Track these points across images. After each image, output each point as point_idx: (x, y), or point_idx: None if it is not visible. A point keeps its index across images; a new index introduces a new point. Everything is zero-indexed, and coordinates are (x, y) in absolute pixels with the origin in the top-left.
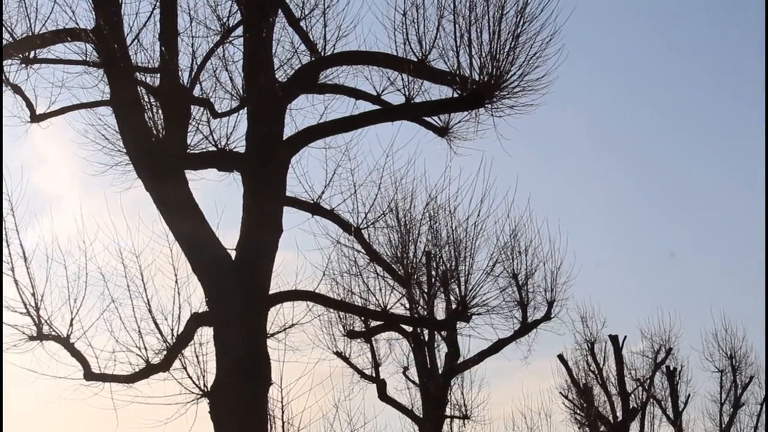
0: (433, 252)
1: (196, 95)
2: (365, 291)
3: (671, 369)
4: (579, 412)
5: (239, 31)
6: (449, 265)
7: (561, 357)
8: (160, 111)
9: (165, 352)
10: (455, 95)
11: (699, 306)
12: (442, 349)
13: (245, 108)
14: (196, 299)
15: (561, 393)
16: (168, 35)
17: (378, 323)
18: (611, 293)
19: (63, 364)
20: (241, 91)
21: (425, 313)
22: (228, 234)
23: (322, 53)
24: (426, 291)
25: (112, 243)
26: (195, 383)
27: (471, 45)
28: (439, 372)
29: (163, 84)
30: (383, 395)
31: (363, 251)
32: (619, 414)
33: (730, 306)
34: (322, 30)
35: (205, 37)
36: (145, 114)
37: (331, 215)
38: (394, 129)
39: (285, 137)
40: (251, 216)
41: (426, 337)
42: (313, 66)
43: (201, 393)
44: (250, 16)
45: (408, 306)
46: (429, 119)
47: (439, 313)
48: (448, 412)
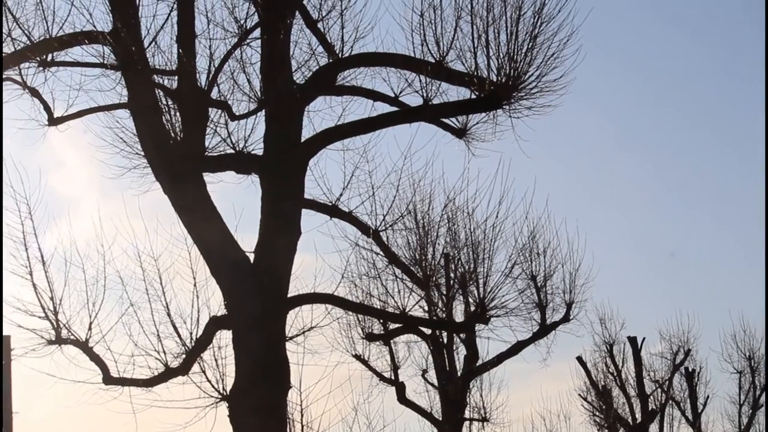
0: (452, 254)
1: (213, 97)
2: (384, 293)
3: (690, 370)
4: (598, 414)
5: (257, 33)
6: (468, 267)
7: (580, 359)
8: (177, 113)
9: (184, 355)
10: (473, 96)
11: (717, 307)
12: (460, 352)
13: (263, 110)
14: (214, 302)
15: (580, 395)
16: (185, 37)
17: (397, 326)
18: (630, 294)
19: (82, 368)
20: (259, 94)
21: (444, 316)
22: (246, 237)
23: (339, 55)
24: (445, 293)
25: (130, 246)
26: (214, 387)
27: (488, 46)
28: (458, 374)
29: (181, 86)
30: (402, 398)
31: (381, 254)
32: (638, 416)
33: (748, 307)
34: (339, 31)
35: (223, 39)
36: (163, 117)
37: (350, 217)
38: (412, 130)
39: (303, 139)
40: (270, 219)
41: (445, 340)
42: (331, 68)
43: (220, 397)
44: (267, 18)
45: (427, 308)
46: (447, 121)
47: (458, 316)
48: (467, 414)
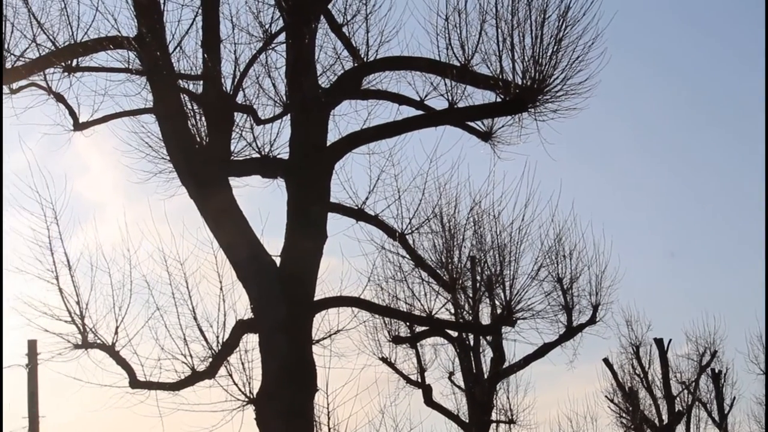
0: (478, 257)
1: (239, 102)
2: (410, 296)
3: (716, 372)
4: (625, 415)
5: (282, 38)
6: (494, 270)
7: (606, 361)
8: (203, 118)
9: (210, 359)
10: (498, 100)
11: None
12: (487, 354)
13: (288, 114)
14: (241, 306)
15: (606, 397)
16: (210, 42)
17: (423, 328)
18: (656, 296)
19: (108, 372)
20: (284, 98)
21: (470, 318)
22: (273, 240)
23: (364, 59)
24: (471, 296)
25: (156, 250)
26: (241, 390)
27: (513, 49)
28: (485, 377)
29: (206, 91)
30: (429, 400)
31: (408, 257)
32: (665, 417)
33: None
34: (364, 36)
35: (248, 44)
36: (189, 121)
37: (376, 221)
38: (437, 134)
39: (329, 143)
40: (296, 222)
41: (471, 342)
42: (356, 72)
43: (247, 400)
44: (292, 22)
45: (453, 311)
46: (472, 124)
47: (484, 318)
48: (493, 416)
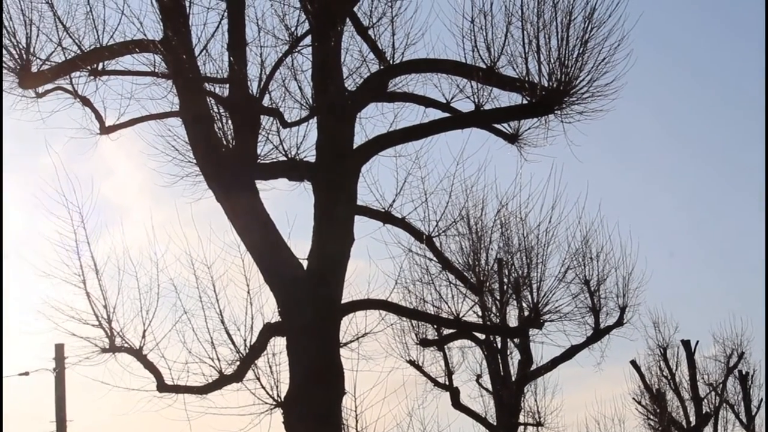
0: (505, 259)
1: (265, 105)
2: (437, 299)
3: (744, 373)
4: (652, 417)
5: (308, 41)
6: (521, 272)
7: (634, 363)
8: (229, 121)
9: (238, 362)
10: (524, 102)
11: None
12: (514, 357)
13: (315, 117)
14: (268, 309)
15: (634, 399)
16: (236, 45)
17: (451, 331)
18: (683, 298)
19: (136, 375)
20: (311, 101)
21: (498, 321)
22: (300, 244)
23: (390, 61)
24: (498, 298)
25: (183, 254)
26: (268, 393)
27: (539, 51)
28: (512, 379)
29: (233, 94)
30: (457, 403)
31: (435, 259)
32: (693, 419)
33: None
34: (390, 38)
35: (274, 47)
36: (215, 124)
37: (403, 223)
38: (464, 136)
39: (355, 146)
40: (323, 225)
41: (499, 345)
42: (382, 74)
43: (275, 403)
44: (318, 25)
45: (480, 314)
46: (499, 126)
47: (512, 321)
48: (521, 419)
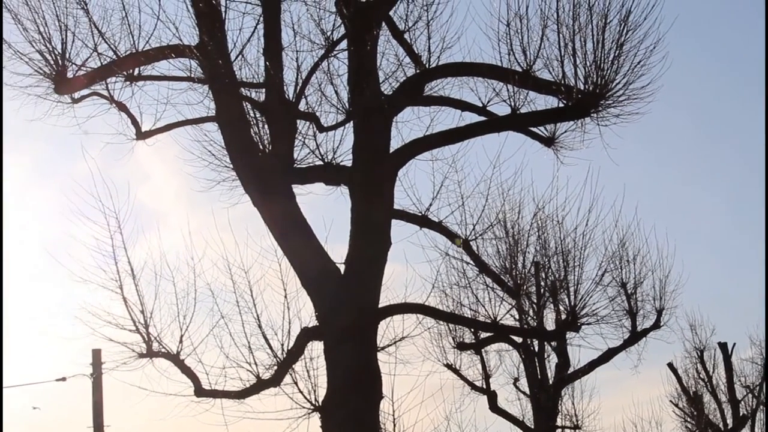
0: (542, 262)
1: (301, 109)
2: (475, 303)
3: None
4: (689, 420)
5: (343, 45)
6: (558, 276)
7: (671, 365)
8: (266, 126)
9: (275, 367)
10: (561, 105)
11: None
12: (552, 360)
13: (351, 121)
14: (305, 314)
15: (671, 401)
16: (272, 50)
17: (488, 335)
18: (720, 300)
19: (173, 380)
20: (347, 105)
21: (535, 324)
22: (336, 248)
23: (426, 65)
24: (535, 302)
25: (220, 259)
26: (306, 398)
27: (575, 54)
28: (550, 382)
29: (269, 99)
30: (494, 407)
31: (472, 263)
32: (730, 421)
33: None
34: (426, 42)
35: (310, 51)
36: (251, 129)
37: (440, 227)
38: (500, 140)
39: (392, 150)
40: (359, 229)
41: (536, 348)
42: (419, 78)
43: (312, 408)
44: (354, 29)
45: (517, 317)
46: (535, 129)
47: (549, 324)
48: (559, 422)
